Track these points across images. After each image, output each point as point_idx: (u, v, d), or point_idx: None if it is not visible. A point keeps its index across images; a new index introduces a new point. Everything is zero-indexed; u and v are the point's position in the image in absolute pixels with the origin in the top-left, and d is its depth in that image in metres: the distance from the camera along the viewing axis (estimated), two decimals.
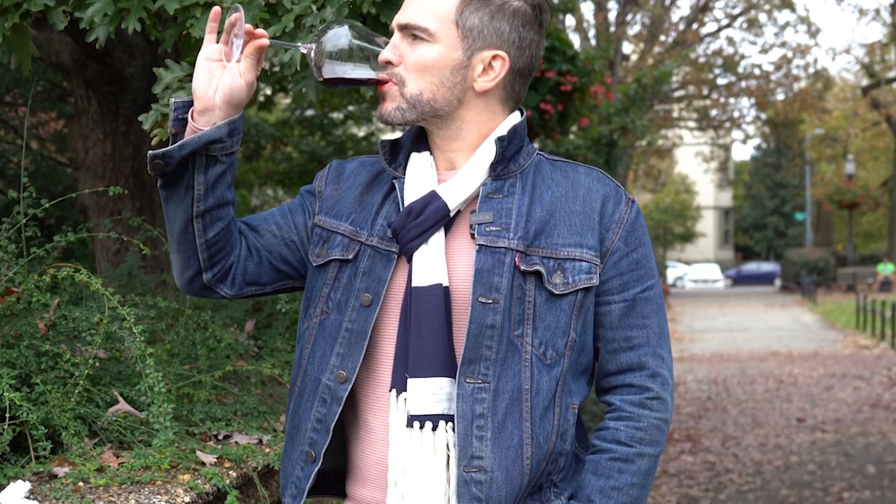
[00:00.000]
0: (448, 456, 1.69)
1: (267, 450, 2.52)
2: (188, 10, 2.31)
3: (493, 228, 1.70)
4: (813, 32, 28.36)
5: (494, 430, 1.67)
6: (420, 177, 1.76)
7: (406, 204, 1.74)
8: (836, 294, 32.81)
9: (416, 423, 1.68)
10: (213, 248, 1.77)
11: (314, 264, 1.80)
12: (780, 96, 28.01)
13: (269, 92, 10.27)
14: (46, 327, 2.55)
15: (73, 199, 4.98)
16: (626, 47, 26.95)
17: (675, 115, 29.70)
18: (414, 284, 1.70)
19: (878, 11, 32.22)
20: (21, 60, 2.55)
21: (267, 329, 3.74)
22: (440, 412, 1.68)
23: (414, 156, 1.79)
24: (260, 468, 2.42)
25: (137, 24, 2.32)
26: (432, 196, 1.72)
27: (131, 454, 2.28)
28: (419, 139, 1.81)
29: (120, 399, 2.45)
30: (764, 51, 28.07)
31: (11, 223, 2.72)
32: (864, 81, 35.35)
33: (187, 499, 2.08)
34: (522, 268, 1.69)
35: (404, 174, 1.79)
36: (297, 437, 1.78)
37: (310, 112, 12.86)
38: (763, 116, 28.74)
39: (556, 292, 1.70)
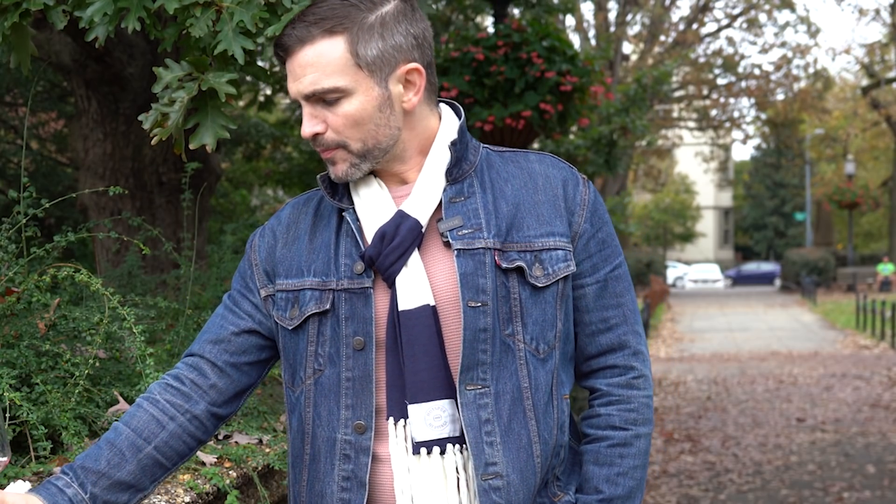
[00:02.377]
0: (458, 479, 1.65)
1: (267, 450, 2.52)
2: (188, 10, 2.31)
3: (466, 231, 1.66)
4: (813, 32, 28.38)
5: (502, 433, 1.65)
6: (373, 201, 1.71)
7: (366, 231, 1.69)
8: (836, 294, 32.81)
9: (424, 450, 1.64)
10: (180, 451, 1.73)
11: (290, 327, 1.72)
12: (780, 96, 28.02)
13: (269, 92, 10.27)
14: (46, 327, 2.55)
15: (73, 199, 4.98)
16: (626, 47, 26.96)
17: (675, 115, 29.72)
18: (401, 308, 1.65)
19: (878, 11, 32.23)
20: (20, 60, 2.55)
21: None
22: (446, 435, 1.64)
23: (358, 183, 1.73)
24: (260, 468, 2.42)
25: (137, 24, 2.32)
26: (401, 216, 1.67)
27: None
28: None
29: (120, 399, 2.44)
30: (764, 51, 28.10)
31: (11, 223, 2.72)
32: (864, 81, 35.36)
33: (187, 499, 2.08)
34: (503, 265, 1.65)
35: (350, 204, 1.73)
36: (322, 503, 1.71)
37: None
38: (763, 116, 28.75)
39: (539, 285, 1.67)
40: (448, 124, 1.75)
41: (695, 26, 27.01)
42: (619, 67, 23.89)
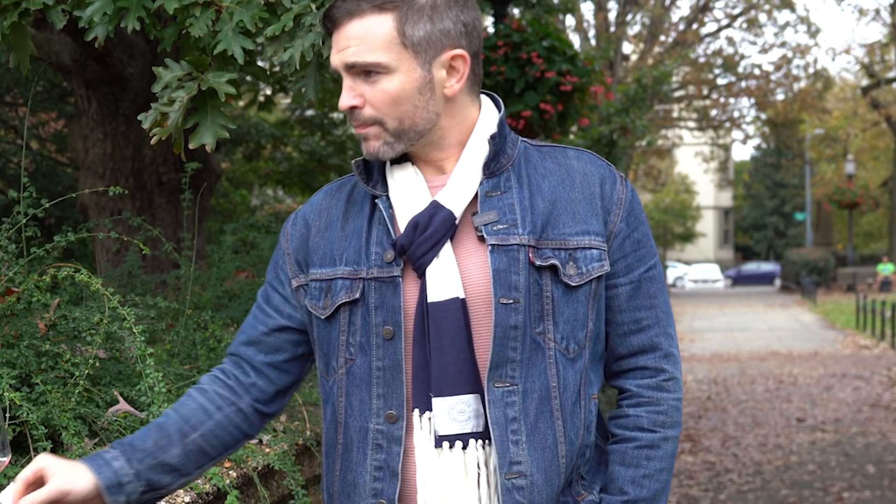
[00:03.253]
0: (479, 475, 1.64)
1: (267, 450, 2.52)
2: (187, 9, 2.31)
3: (501, 226, 1.65)
4: (813, 32, 28.38)
5: (528, 432, 1.63)
6: (409, 189, 1.70)
7: (399, 220, 1.68)
8: (836, 294, 32.81)
9: (446, 444, 1.63)
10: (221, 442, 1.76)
11: (322, 316, 1.72)
12: (780, 96, 28.02)
13: (269, 92, 10.27)
14: (46, 327, 2.55)
15: (73, 199, 4.97)
16: (626, 47, 26.96)
17: (675, 115, 29.72)
18: (430, 300, 1.64)
19: (878, 11, 32.23)
20: (20, 59, 2.55)
21: None
22: (469, 430, 1.63)
23: (395, 169, 1.72)
24: (260, 468, 2.42)
25: (136, 23, 2.32)
26: (436, 206, 1.66)
27: None
28: None
29: (120, 399, 2.44)
30: (764, 51, 28.10)
31: (11, 223, 2.72)
32: (864, 81, 35.36)
33: (187, 499, 2.08)
34: (537, 263, 1.64)
35: (384, 191, 1.72)
36: (354, 493, 1.70)
37: (310, 112, 12.85)
38: (763, 116, 28.75)
39: (572, 284, 1.65)
40: (488, 116, 1.73)
41: (695, 26, 27.01)
42: (619, 67, 23.89)
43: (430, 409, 1.65)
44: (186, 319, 3.10)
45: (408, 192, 1.70)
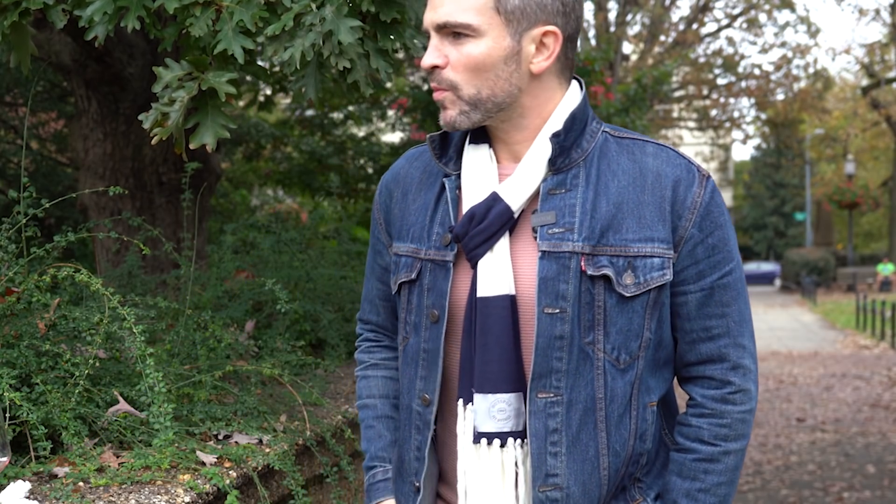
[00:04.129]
0: (516, 474, 1.63)
1: (267, 450, 2.52)
2: (188, 9, 2.31)
3: (556, 230, 1.60)
4: (813, 32, 28.38)
5: (569, 443, 1.60)
6: (479, 173, 1.66)
7: (465, 203, 1.65)
8: (836, 294, 32.79)
9: (484, 440, 1.62)
10: None
11: (393, 292, 1.77)
12: (780, 96, 28.01)
13: (269, 92, 10.26)
14: (46, 327, 2.54)
15: (73, 199, 4.97)
16: (626, 47, 26.94)
17: (675, 115, 29.69)
18: (479, 294, 1.61)
19: (878, 11, 32.22)
20: (20, 59, 2.55)
21: (267, 329, 3.73)
22: (508, 429, 1.62)
23: (470, 149, 1.69)
24: (260, 468, 2.42)
25: (137, 23, 2.31)
26: (494, 199, 1.62)
27: (131, 454, 2.27)
28: (476, 130, 1.70)
29: (120, 399, 2.44)
30: (764, 51, 28.09)
31: (11, 223, 2.72)
32: (864, 81, 35.35)
33: (187, 499, 2.08)
34: (589, 272, 1.58)
35: (456, 170, 1.70)
36: (403, 468, 1.74)
37: (310, 112, 12.85)
38: (763, 116, 28.73)
39: (627, 294, 1.59)
40: (567, 104, 1.67)
41: (695, 26, 27.00)
42: (619, 67, 23.87)
43: (472, 402, 1.64)
44: (186, 319, 3.10)
45: (477, 176, 1.66)
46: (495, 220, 1.61)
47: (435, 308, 1.66)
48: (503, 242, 1.62)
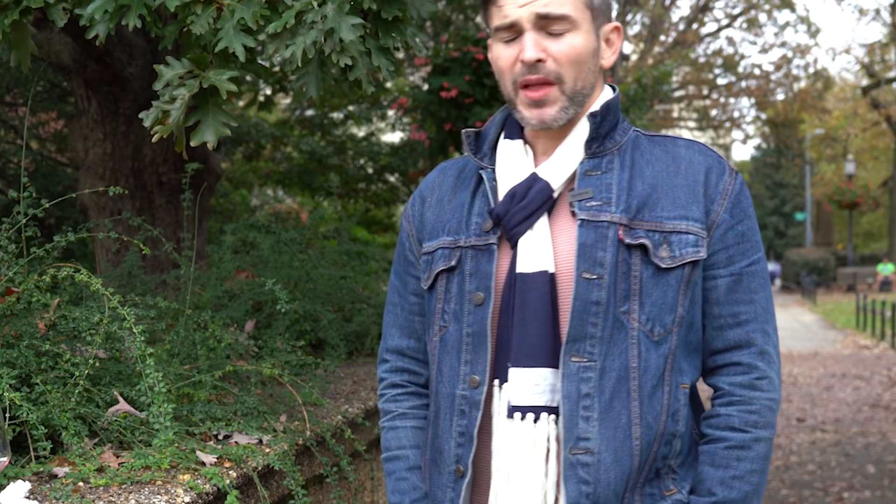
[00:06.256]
0: (548, 449, 1.64)
1: (267, 450, 2.51)
2: (188, 7, 2.31)
3: (594, 203, 1.64)
4: (813, 32, 28.44)
5: (601, 410, 1.61)
6: (514, 163, 1.71)
7: (501, 192, 1.70)
8: (836, 294, 32.80)
9: (518, 414, 1.63)
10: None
11: (425, 288, 1.77)
12: (780, 96, 28.03)
13: (269, 92, 10.27)
14: (46, 327, 2.54)
15: (73, 199, 4.97)
16: (626, 47, 26.95)
17: (675, 115, 29.72)
18: (518, 270, 1.65)
19: (878, 11, 32.24)
20: (20, 58, 2.54)
21: (267, 329, 3.73)
22: (543, 404, 1.63)
23: (505, 143, 1.73)
24: (260, 468, 2.41)
25: (138, 21, 2.31)
26: (534, 178, 1.67)
27: (131, 454, 2.27)
28: (511, 126, 1.75)
29: (120, 399, 2.44)
30: (764, 51, 28.14)
31: (11, 223, 2.71)
32: (864, 81, 35.36)
33: (187, 499, 2.07)
34: (627, 241, 1.62)
35: (491, 164, 1.74)
36: (441, 459, 1.73)
37: (310, 112, 12.84)
38: (763, 116, 28.75)
39: (663, 266, 1.63)
40: (602, 99, 1.73)
41: (695, 26, 27.02)
42: (619, 67, 23.88)
43: (507, 379, 1.65)
44: (186, 319, 3.09)
45: (512, 166, 1.71)
46: (536, 198, 1.65)
47: (479, 290, 1.68)
48: (543, 221, 1.66)
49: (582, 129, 1.70)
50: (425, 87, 9.74)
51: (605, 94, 1.74)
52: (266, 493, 2.40)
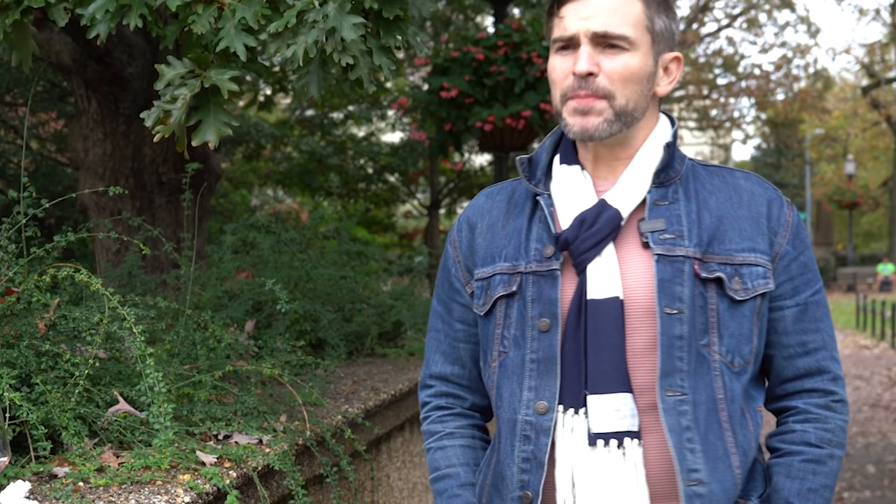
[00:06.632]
0: (636, 474, 1.64)
1: (267, 450, 2.51)
2: (189, 7, 2.30)
3: (668, 236, 1.66)
4: (813, 32, 28.47)
5: (701, 441, 1.63)
6: (574, 189, 1.71)
7: (560, 218, 1.70)
8: (836, 294, 32.80)
9: (600, 441, 1.64)
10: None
11: (481, 314, 1.77)
12: (780, 96, 28.04)
13: (269, 92, 10.27)
14: (46, 327, 2.54)
15: (73, 199, 4.96)
16: None
17: (676, 114, 29.71)
18: (590, 297, 1.65)
19: (878, 11, 32.24)
20: (21, 58, 2.54)
21: (267, 329, 3.73)
22: (624, 429, 1.64)
23: (562, 169, 1.73)
24: (260, 468, 2.41)
25: (138, 21, 2.31)
26: (603, 205, 1.67)
27: (131, 454, 2.26)
28: (565, 151, 1.75)
29: (120, 399, 2.43)
30: (764, 51, 28.14)
31: (11, 223, 2.71)
32: (864, 81, 35.36)
33: (187, 499, 2.07)
34: (703, 275, 1.64)
35: (546, 189, 1.74)
36: (503, 485, 1.73)
37: (310, 112, 12.84)
38: (763, 116, 28.76)
39: (738, 298, 1.65)
40: (664, 127, 1.75)
41: (695, 26, 27.01)
42: None
43: (583, 406, 1.65)
44: (186, 319, 3.09)
45: (572, 191, 1.71)
46: (606, 225, 1.66)
47: (544, 317, 1.68)
48: (610, 248, 1.67)
49: (645, 156, 1.71)
50: (425, 87, 9.74)
51: (662, 123, 1.76)
52: (266, 493, 2.40)
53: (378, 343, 4.63)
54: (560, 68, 1.68)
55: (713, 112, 28.57)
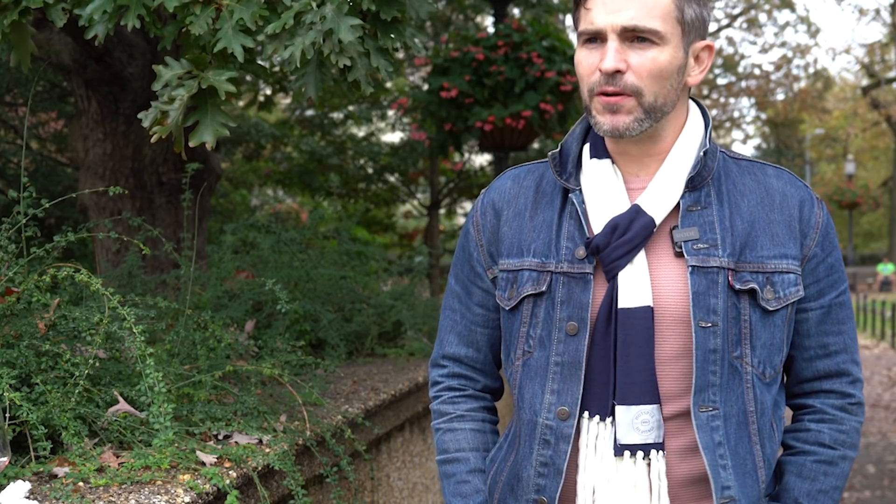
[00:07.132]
0: (660, 486, 1.63)
1: (267, 450, 2.51)
2: (187, 7, 2.31)
3: (702, 246, 1.62)
4: (813, 32, 28.46)
5: (731, 456, 1.62)
6: (605, 187, 1.66)
7: (592, 217, 1.66)
8: None
9: (627, 452, 1.62)
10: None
11: (507, 307, 1.73)
12: (780, 96, 28.04)
13: (268, 92, 10.27)
14: (46, 327, 2.54)
15: (73, 199, 4.97)
16: None
17: None
18: (621, 306, 1.61)
19: (878, 11, 32.23)
20: (20, 58, 2.54)
21: (267, 329, 3.73)
22: (651, 441, 1.62)
23: (593, 163, 1.68)
24: (260, 468, 2.41)
25: (137, 21, 2.31)
26: (637, 211, 1.63)
27: (131, 454, 2.27)
28: (595, 143, 1.70)
29: (120, 399, 2.44)
30: (764, 51, 28.15)
31: (11, 223, 2.71)
32: (864, 81, 35.35)
33: (187, 499, 2.07)
34: (737, 286, 1.61)
35: (577, 185, 1.69)
36: (518, 486, 1.71)
37: (310, 112, 12.84)
38: (763, 116, 28.76)
39: (770, 308, 1.63)
40: (695, 123, 1.70)
41: None
42: None
43: (610, 415, 1.63)
44: (186, 319, 3.09)
45: (604, 191, 1.66)
46: (639, 232, 1.62)
47: (573, 320, 1.65)
48: (641, 255, 1.63)
49: (678, 157, 1.66)
50: (425, 87, 9.74)
51: (694, 116, 1.71)
52: (266, 493, 2.40)
53: (378, 343, 4.63)
54: (586, 63, 1.63)
55: (713, 112, 28.59)
